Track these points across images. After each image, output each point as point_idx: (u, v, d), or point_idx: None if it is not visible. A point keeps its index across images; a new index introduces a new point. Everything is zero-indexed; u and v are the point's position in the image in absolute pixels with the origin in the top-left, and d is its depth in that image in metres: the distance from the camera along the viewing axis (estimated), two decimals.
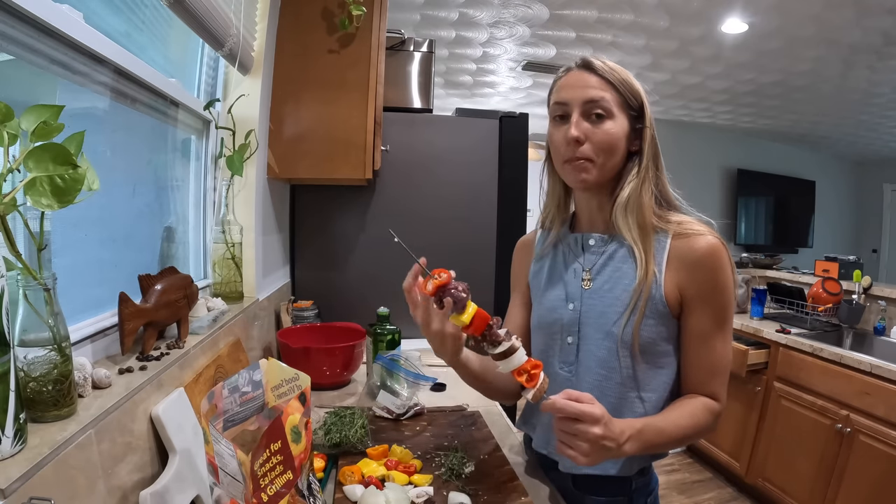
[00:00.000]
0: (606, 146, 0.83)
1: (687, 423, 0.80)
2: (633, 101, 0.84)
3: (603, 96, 0.82)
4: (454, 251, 2.03)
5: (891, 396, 1.87)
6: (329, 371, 1.39)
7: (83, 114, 0.85)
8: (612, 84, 0.83)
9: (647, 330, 0.82)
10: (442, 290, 0.78)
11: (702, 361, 0.83)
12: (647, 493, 0.88)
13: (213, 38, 1.15)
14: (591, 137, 0.83)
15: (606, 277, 0.86)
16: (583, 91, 0.83)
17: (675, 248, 0.82)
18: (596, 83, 0.83)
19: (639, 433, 0.74)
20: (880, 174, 6.08)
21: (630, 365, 0.83)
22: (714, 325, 0.82)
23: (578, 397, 0.71)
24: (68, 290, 0.65)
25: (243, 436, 0.69)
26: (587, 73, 0.84)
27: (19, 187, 0.54)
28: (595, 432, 0.69)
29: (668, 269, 0.82)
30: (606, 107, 0.82)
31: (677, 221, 0.84)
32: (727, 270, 0.81)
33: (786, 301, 2.75)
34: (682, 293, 0.82)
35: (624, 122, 0.84)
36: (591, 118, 0.83)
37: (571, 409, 0.69)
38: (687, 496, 2.62)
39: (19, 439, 0.51)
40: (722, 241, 0.82)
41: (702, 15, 2.67)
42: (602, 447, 0.70)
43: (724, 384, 0.84)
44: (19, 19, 0.65)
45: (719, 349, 0.82)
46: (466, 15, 2.80)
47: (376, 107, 1.61)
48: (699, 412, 0.81)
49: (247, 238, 1.38)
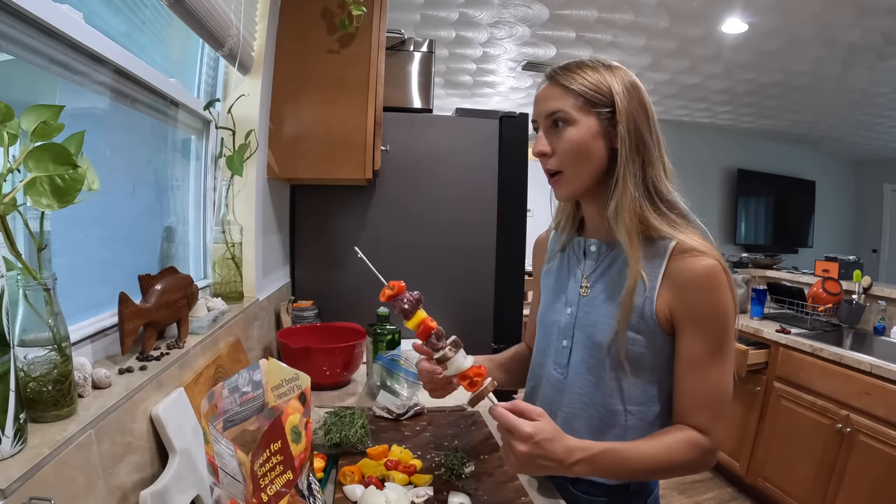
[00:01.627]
0: (572, 153, 0.81)
1: (659, 455, 0.75)
2: (601, 98, 0.80)
3: (560, 107, 0.81)
4: (454, 251, 2.03)
5: (891, 396, 1.87)
6: (329, 371, 1.39)
7: (83, 114, 0.85)
8: (572, 90, 0.81)
9: (635, 345, 0.80)
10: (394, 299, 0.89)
11: (691, 389, 0.78)
12: (646, 494, 0.88)
13: (213, 38, 1.15)
14: (557, 148, 0.82)
15: (603, 286, 0.85)
16: (544, 104, 0.83)
17: (672, 265, 0.78)
18: (556, 94, 0.82)
19: (593, 457, 0.72)
20: (880, 174, 6.09)
21: (616, 377, 0.81)
22: (707, 352, 0.76)
23: (523, 411, 0.73)
24: (68, 290, 0.65)
25: (243, 436, 0.69)
26: (551, 86, 0.83)
27: (19, 187, 0.54)
28: (519, 449, 0.70)
29: (662, 287, 0.78)
30: (564, 116, 0.80)
31: (682, 234, 0.79)
32: (724, 294, 0.76)
33: (786, 301, 2.75)
34: (673, 314, 0.78)
35: (590, 123, 0.80)
36: (554, 129, 0.82)
37: (504, 420, 0.71)
38: (687, 496, 2.62)
39: (19, 439, 0.51)
40: (722, 263, 0.77)
41: (702, 15, 2.67)
42: (533, 463, 0.70)
43: (717, 417, 0.77)
44: (19, 19, 0.64)
45: (712, 378, 0.77)
46: (466, 15, 2.80)
47: (376, 107, 1.61)
48: (677, 446, 0.76)
49: (247, 238, 1.38)
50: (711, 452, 0.78)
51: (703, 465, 0.78)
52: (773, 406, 2.40)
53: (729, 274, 0.77)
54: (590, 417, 0.85)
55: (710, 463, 0.79)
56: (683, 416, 0.79)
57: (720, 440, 0.78)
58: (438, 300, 2.04)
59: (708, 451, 0.77)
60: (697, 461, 0.77)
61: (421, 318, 0.89)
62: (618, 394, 0.82)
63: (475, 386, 0.82)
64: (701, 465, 0.78)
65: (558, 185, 0.85)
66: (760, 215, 5.56)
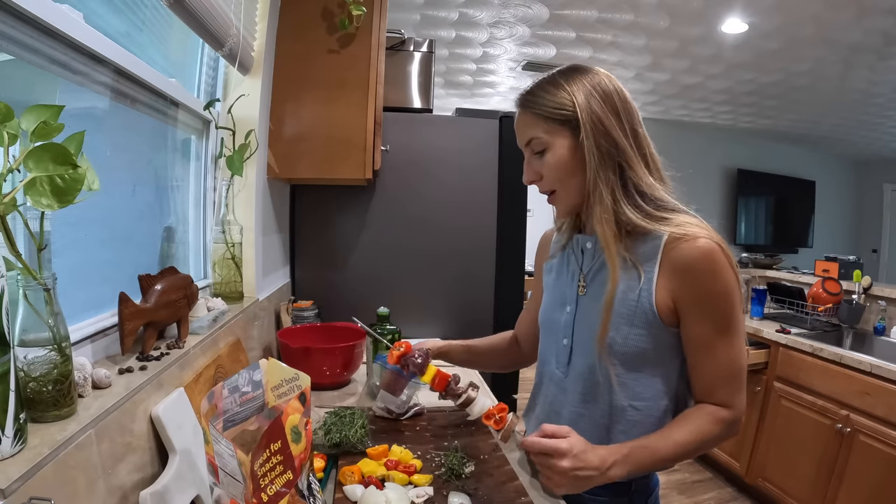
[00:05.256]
0: (557, 174, 0.84)
1: (686, 438, 0.77)
2: (566, 114, 0.80)
3: (533, 135, 0.83)
4: (454, 251, 2.03)
5: (891, 396, 1.87)
6: (329, 371, 1.39)
7: (83, 114, 0.85)
8: (540, 115, 0.82)
9: (636, 340, 0.79)
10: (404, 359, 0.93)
11: (706, 370, 0.79)
12: (647, 493, 0.89)
13: (213, 38, 1.14)
14: (543, 172, 0.85)
15: (598, 284, 0.85)
16: (520, 133, 0.87)
17: (668, 253, 0.78)
18: (528, 121, 0.84)
19: (625, 458, 0.75)
20: (880, 174, 6.09)
21: (617, 373, 0.81)
22: (716, 333, 0.77)
23: (553, 432, 0.76)
24: (68, 290, 0.65)
25: (243, 436, 0.69)
26: (522, 113, 0.86)
27: (19, 187, 0.54)
28: (563, 465, 0.72)
29: (661, 276, 0.78)
30: (539, 144, 0.83)
31: (675, 223, 0.78)
32: (725, 274, 0.75)
33: (786, 301, 2.75)
34: (676, 301, 0.78)
35: (564, 142, 0.81)
36: (537, 156, 0.85)
37: (539, 446, 0.75)
38: (687, 496, 2.62)
39: (19, 439, 0.51)
40: (719, 243, 0.76)
41: (702, 15, 2.67)
42: (576, 477, 0.72)
43: (737, 390, 0.80)
44: (19, 19, 0.64)
45: (725, 356, 0.78)
46: (466, 15, 2.80)
47: (376, 107, 1.61)
48: (702, 425, 0.78)
49: (247, 238, 1.38)
50: (736, 423, 0.81)
51: (728, 434, 0.81)
52: (773, 406, 2.40)
53: (727, 252, 0.77)
54: (593, 415, 0.85)
55: (736, 432, 0.82)
56: (704, 396, 0.81)
57: (742, 409, 0.81)
58: (438, 300, 2.04)
59: (732, 421, 0.80)
60: (723, 433, 0.80)
61: (434, 371, 0.94)
62: (620, 390, 0.82)
63: (501, 423, 0.87)
64: (726, 435, 0.81)
65: (555, 203, 0.88)
66: (760, 215, 5.56)
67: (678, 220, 0.79)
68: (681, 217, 0.80)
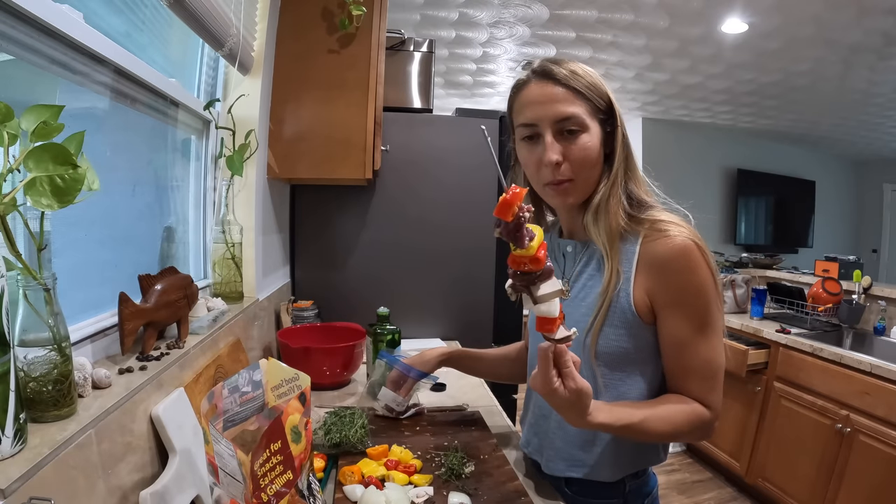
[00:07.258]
0: (585, 162, 0.78)
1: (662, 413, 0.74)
2: (602, 103, 0.78)
3: (574, 112, 0.76)
4: (454, 250, 2.03)
5: (891, 396, 1.87)
6: (329, 371, 1.39)
7: (83, 114, 0.85)
8: (580, 92, 0.76)
9: (616, 340, 0.78)
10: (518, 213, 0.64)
11: (682, 367, 0.77)
12: (643, 494, 0.88)
13: (213, 38, 1.15)
14: (569, 156, 0.77)
15: (581, 286, 0.85)
16: (552, 108, 0.76)
17: (644, 251, 0.76)
18: (563, 95, 0.76)
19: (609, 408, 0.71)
20: (880, 174, 6.08)
21: (601, 374, 0.80)
22: (693, 331, 0.75)
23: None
24: (68, 290, 0.65)
25: (243, 436, 0.69)
26: (550, 85, 0.77)
27: (19, 187, 0.54)
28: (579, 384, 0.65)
29: (638, 275, 0.76)
30: (576, 123, 0.76)
31: (650, 221, 0.77)
32: (701, 271, 0.74)
33: (786, 301, 2.75)
34: (652, 299, 0.76)
35: (598, 131, 0.78)
36: (563, 135, 0.77)
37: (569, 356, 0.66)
38: (687, 496, 2.62)
39: (19, 439, 0.51)
40: (695, 240, 0.75)
41: (702, 15, 2.67)
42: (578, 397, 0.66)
43: (713, 390, 0.76)
44: (19, 19, 0.64)
45: (702, 354, 0.75)
46: (466, 15, 2.80)
47: (376, 107, 1.61)
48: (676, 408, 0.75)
49: (247, 238, 1.38)
50: (711, 423, 0.76)
51: (701, 434, 0.77)
52: (774, 406, 2.40)
53: (704, 248, 0.75)
54: None
55: (709, 435, 0.78)
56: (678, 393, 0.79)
57: (718, 410, 0.77)
58: (438, 300, 2.04)
59: (708, 421, 0.76)
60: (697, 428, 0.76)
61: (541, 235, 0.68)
62: (605, 391, 0.81)
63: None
64: (700, 431, 0.76)
65: (567, 193, 0.81)
66: (760, 215, 5.56)
67: (655, 218, 0.78)
68: (658, 214, 0.79)
